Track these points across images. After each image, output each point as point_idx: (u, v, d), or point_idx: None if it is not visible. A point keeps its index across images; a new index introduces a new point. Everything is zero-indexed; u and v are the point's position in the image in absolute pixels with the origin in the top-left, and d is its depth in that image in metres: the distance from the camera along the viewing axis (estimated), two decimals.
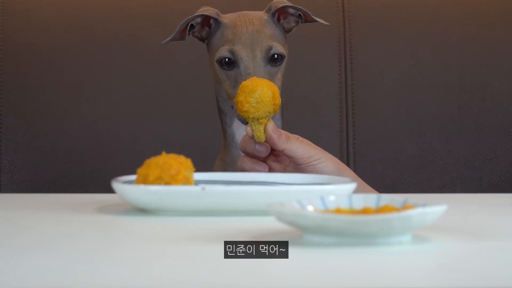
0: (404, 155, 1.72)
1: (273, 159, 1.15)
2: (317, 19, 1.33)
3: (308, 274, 0.62)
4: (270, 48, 1.25)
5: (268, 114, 1.13)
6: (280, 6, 1.30)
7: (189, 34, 1.32)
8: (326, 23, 1.34)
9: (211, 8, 1.31)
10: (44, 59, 1.73)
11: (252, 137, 1.13)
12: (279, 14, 1.31)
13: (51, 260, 0.66)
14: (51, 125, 1.71)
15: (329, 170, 1.13)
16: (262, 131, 1.12)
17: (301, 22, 1.33)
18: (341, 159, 1.71)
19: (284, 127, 1.39)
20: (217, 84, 1.31)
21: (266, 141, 1.12)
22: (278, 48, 1.26)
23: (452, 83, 1.74)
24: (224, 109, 1.34)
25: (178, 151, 0.95)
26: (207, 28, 1.31)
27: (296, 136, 1.15)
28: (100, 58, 1.73)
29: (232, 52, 1.25)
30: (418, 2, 1.78)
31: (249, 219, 0.86)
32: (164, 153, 0.91)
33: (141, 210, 0.90)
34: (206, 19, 1.31)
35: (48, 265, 0.64)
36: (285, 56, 1.27)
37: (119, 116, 1.72)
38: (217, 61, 1.26)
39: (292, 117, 1.71)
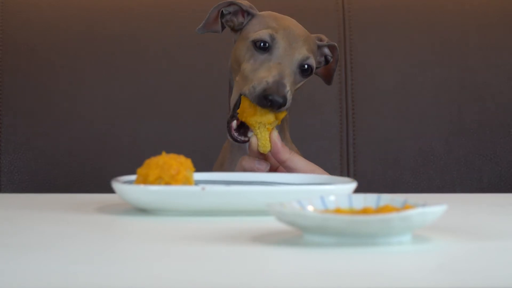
0: (404, 155, 1.72)
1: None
2: (333, 77, 1.34)
3: (308, 274, 0.62)
4: (307, 58, 1.23)
5: (273, 121, 1.14)
6: (332, 44, 1.30)
7: (222, 24, 1.29)
8: (330, 84, 1.35)
9: (246, 1, 1.30)
10: (44, 59, 1.73)
11: (256, 150, 1.14)
12: (319, 47, 1.30)
13: (51, 260, 0.66)
14: (51, 125, 1.71)
15: None
16: (268, 139, 1.14)
17: (317, 68, 1.32)
18: (341, 159, 1.71)
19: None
20: (234, 72, 1.28)
21: (269, 151, 1.13)
22: (313, 62, 1.23)
23: (452, 83, 1.74)
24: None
25: (178, 151, 0.95)
26: (240, 19, 1.29)
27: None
28: (100, 58, 1.73)
29: (272, 37, 1.22)
30: (418, 2, 1.78)
31: (249, 219, 0.86)
32: (164, 153, 0.91)
33: (141, 210, 0.90)
34: (240, 11, 1.28)
35: (48, 265, 0.64)
36: (312, 74, 1.25)
37: (119, 116, 1.72)
38: (253, 41, 1.22)
39: (292, 117, 1.72)
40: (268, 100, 1.14)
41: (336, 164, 1.71)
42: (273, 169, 1.17)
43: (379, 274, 0.62)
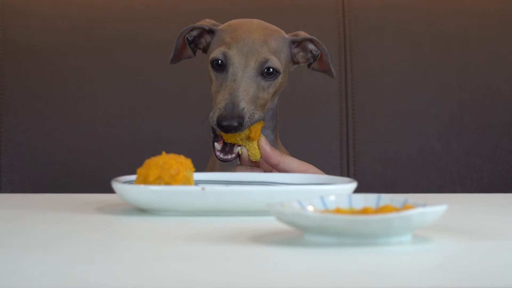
0: (404, 155, 1.72)
1: None
2: (332, 69, 1.32)
3: (308, 274, 0.62)
4: (266, 61, 1.21)
5: (256, 130, 1.16)
6: (308, 37, 1.29)
7: (191, 49, 1.30)
8: (334, 75, 1.33)
9: (208, 20, 1.30)
10: (44, 59, 1.73)
11: (248, 159, 1.15)
12: (300, 44, 1.29)
13: (51, 260, 0.66)
14: (51, 125, 1.71)
15: None
16: (257, 147, 1.15)
17: (311, 62, 1.31)
18: (341, 159, 1.71)
19: (282, 129, 1.39)
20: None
21: (261, 158, 1.15)
22: (275, 62, 1.22)
23: (452, 83, 1.74)
24: None
25: (178, 151, 0.95)
26: (207, 39, 1.29)
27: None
28: (100, 58, 1.73)
29: (225, 55, 1.22)
30: (418, 2, 1.78)
31: (249, 219, 0.86)
32: (164, 153, 0.91)
33: (141, 210, 0.90)
34: (202, 33, 1.29)
35: (48, 265, 0.64)
36: (280, 73, 1.24)
37: (119, 116, 1.72)
38: (210, 61, 1.24)
39: (292, 117, 1.72)
40: (223, 127, 1.16)
41: (336, 164, 1.71)
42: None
43: (379, 274, 0.62)
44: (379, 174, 1.71)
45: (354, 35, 1.75)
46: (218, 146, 1.19)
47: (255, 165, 1.18)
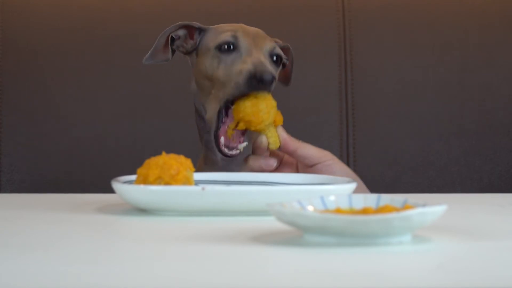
0: (404, 155, 1.72)
1: (281, 170, 1.17)
2: (291, 78, 1.32)
3: (308, 274, 0.62)
4: (274, 47, 1.20)
5: (280, 116, 1.15)
6: (285, 45, 1.28)
7: (172, 50, 1.26)
8: (289, 85, 1.33)
9: (194, 22, 1.27)
10: (44, 59, 1.73)
11: (265, 148, 1.13)
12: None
13: (51, 260, 0.66)
14: (51, 125, 1.71)
15: (340, 169, 1.15)
16: (277, 134, 1.14)
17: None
18: (341, 159, 1.71)
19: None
20: (202, 90, 1.25)
21: (279, 146, 1.14)
22: (279, 51, 1.21)
23: (452, 83, 1.74)
24: (204, 116, 1.25)
25: (178, 151, 0.95)
26: (191, 41, 1.26)
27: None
28: (100, 58, 1.73)
29: (235, 37, 1.19)
30: (418, 2, 1.78)
31: (249, 219, 0.86)
32: (164, 153, 0.91)
33: (141, 210, 0.90)
34: (189, 33, 1.26)
35: (48, 265, 0.64)
36: (284, 63, 1.23)
37: (119, 116, 1.72)
38: (216, 47, 1.19)
39: (292, 117, 1.72)
40: (257, 79, 1.11)
41: None
42: (279, 163, 1.17)
43: (379, 274, 0.62)
44: (379, 174, 1.71)
45: (354, 35, 1.75)
46: (223, 140, 1.15)
47: (271, 169, 1.16)
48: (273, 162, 1.15)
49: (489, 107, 1.73)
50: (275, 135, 1.14)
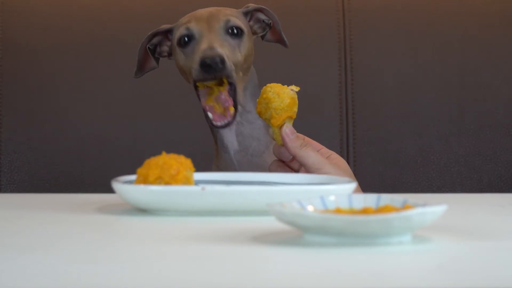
0: (404, 155, 1.72)
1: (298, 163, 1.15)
2: (284, 37, 1.32)
3: (308, 274, 0.62)
4: (228, 21, 1.24)
5: (279, 117, 1.10)
6: (257, 6, 1.31)
7: (155, 57, 1.32)
8: (287, 46, 1.34)
9: (164, 25, 1.32)
10: (44, 59, 1.73)
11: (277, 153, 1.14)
12: (252, 16, 1.31)
13: (51, 260, 0.66)
14: (51, 125, 1.71)
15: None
16: (278, 133, 1.11)
17: (265, 32, 1.32)
18: None
19: None
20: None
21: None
22: (236, 21, 1.25)
23: (452, 83, 1.74)
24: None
25: (178, 151, 0.95)
26: (168, 43, 1.32)
27: (321, 147, 1.13)
28: (100, 58, 1.73)
29: (188, 28, 1.24)
30: (418, 2, 1.78)
31: (249, 219, 0.86)
32: (164, 153, 0.91)
33: (141, 210, 0.90)
34: (165, 36, 1.31)
35: (48, 265, 0.64)
36: (244, 32, 1.26)
37: (119, 116, 1.72)
38: (176, 43, 1.25)
39: None
40: (207, 65, 1.16)
41: None
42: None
43: (379, 274, 0.62)
44: (379, 174, 1.71)
45: (354, 35, 1.75)
46: (210, 115, 1.19)
47: (285, 159, 1.13)
48: (286, 154, 1.12)
49: (489, 107, 1.73)
50: (276, 133, 1.13)
